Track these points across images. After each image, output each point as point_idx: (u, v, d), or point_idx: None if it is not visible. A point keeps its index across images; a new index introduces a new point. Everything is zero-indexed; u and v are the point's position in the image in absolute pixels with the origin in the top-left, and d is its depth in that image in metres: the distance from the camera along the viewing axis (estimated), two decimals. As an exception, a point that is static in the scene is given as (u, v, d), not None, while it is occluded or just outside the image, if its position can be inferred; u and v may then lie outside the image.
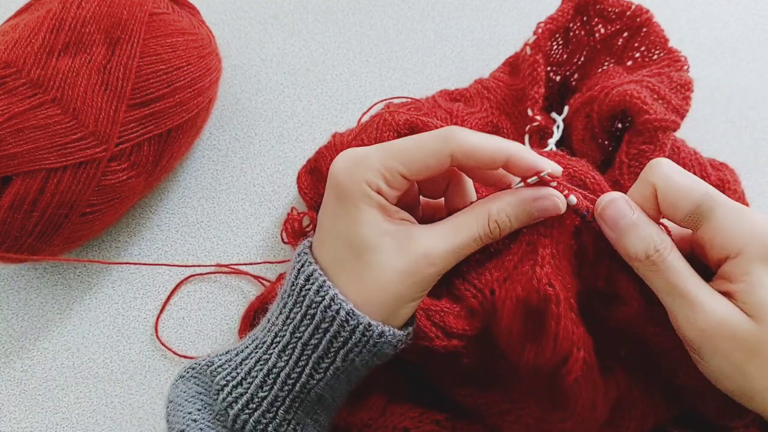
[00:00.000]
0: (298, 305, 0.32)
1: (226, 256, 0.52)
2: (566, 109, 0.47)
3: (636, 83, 0.42)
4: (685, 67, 0.44)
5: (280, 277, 0.48)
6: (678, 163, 0.45)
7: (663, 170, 0.31)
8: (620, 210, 0.32)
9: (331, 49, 0.60)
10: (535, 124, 0.46)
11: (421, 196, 0.36)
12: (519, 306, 0.33)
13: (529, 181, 0.32)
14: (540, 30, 0.47)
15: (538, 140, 0.47)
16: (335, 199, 0.32)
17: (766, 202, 0.53)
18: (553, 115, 0.48)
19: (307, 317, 0.31)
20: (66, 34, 0.45)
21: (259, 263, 0.51)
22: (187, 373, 0.36)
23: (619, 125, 0.45)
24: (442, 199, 0.36)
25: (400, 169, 0.31)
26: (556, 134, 0.46)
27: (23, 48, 0.44)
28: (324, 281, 0.31)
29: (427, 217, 0.36)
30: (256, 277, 0.51)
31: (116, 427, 0.47)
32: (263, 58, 0.60)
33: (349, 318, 0.30)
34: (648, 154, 0.41)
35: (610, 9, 0.47)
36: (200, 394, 0.34)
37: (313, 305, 0.31)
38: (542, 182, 0.32)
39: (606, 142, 0.45)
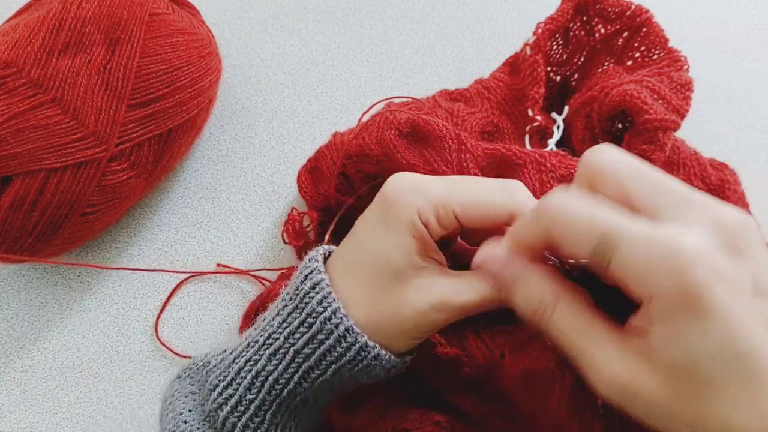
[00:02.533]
0: (297, 311, 0.31)
1: (227, 257, 0.52)
2: (566, 109, 0.47)
3: (636, 83, 0.42)
4: (685, 67, 0.44)
5: (281, 276, 0.48)
6: (678, 163, 0.45)
7: (555, 210, 0.26)
8: (495, 265, 0.29)
9: (331, 49, 0.60)
10: (536, 124, 0.46)
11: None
12: (525, 374, 0.32)
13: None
14: (540, 30, 0.47)
15: (539, 140, 0.47)
16: (380, 216, 0.31)
17: (766, 202, 0.53)
18: (553, 115, 0.48)
19: (305, 325, 0.31)
20: (66, 34, 0.45)
21: (257, 270, 0.51)
22: (185, 372, 0.36)
23: (620, 125, 0.45)
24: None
25: (457, 211, 0.30)
26: (556, 134, 0.46)
27: (23, 48, 0.44)
28: (329, 293, 0.31)
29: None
30: (257, 277, 0.51)
31: (116, 427, 0.47)
32: (263, 58, 0.60)
33: (348, 334, 0.30)
34: (648, 154, 0.41)
35: (610, 9, 0.47)
36: (193, 393, 0.34)
37: (314, 314, 0.31)
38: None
39: (606, 143, 0.45)
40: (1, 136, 0.43)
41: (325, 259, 0.34)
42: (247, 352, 0.33)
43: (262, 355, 0.32)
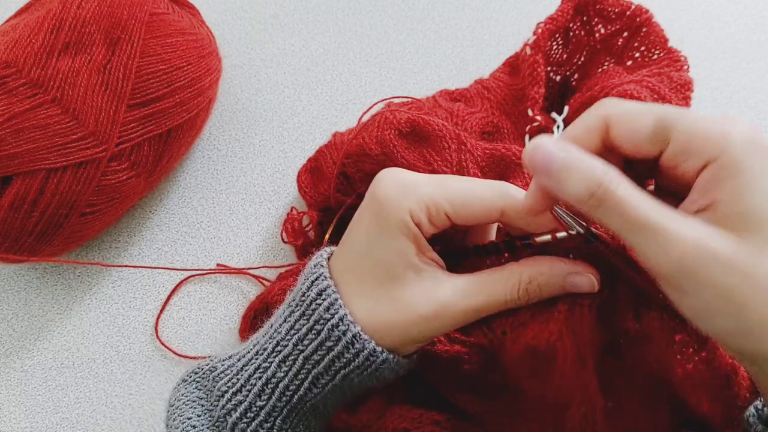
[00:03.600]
0: (305, 318, 0.31)
1: (226, 257, 0.52)
2: (566, 109, 0.47)
3: (636, 83, 0.42)
4: (685, 67, 0.44)
5: (280, 276, 0.48)
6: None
7: (613, 102, 0.28)
8: (548, 154, 0.27)
9: (331, 49, 0.60)
10: (536, 124, 0.46)
11: None
12: (527, 351, 0.32)
13: (559, 236, 0.31)
14: (540, 30, 0.47)
15: (538, 140, 0.47)
16: (372, 219, 0.31)
17: (766, 202, 0.52)
18: (554, 115, 0.48)
19: (313, 332, 0.31)
20: (66, 34, 0.45)
21: (257, 268, 0.51)
22: (190, 377, 0.36)
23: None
24: None
25: (447, 210, 0.30)
26: (556, 134, 0.46)
27: (23, 48, 0.44)
28: (336, 299, 0.31)
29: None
30: (257, 277, 0.51)
31: (116, 427, 0.47)
32: (263, 58, 0.60)
33: (355, 341, 0.30)
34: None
35: (609, 9, 0.47)
36: (201, 399, 0.34)
37: (321, 321, 0.31)
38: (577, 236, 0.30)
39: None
40: (1, 136, 0.43)
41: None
42: (257, 359, 0.32)
43: (272, 362, 0.32)
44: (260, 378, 0.32)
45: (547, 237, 0.31)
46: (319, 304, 0.31)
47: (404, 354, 0.32)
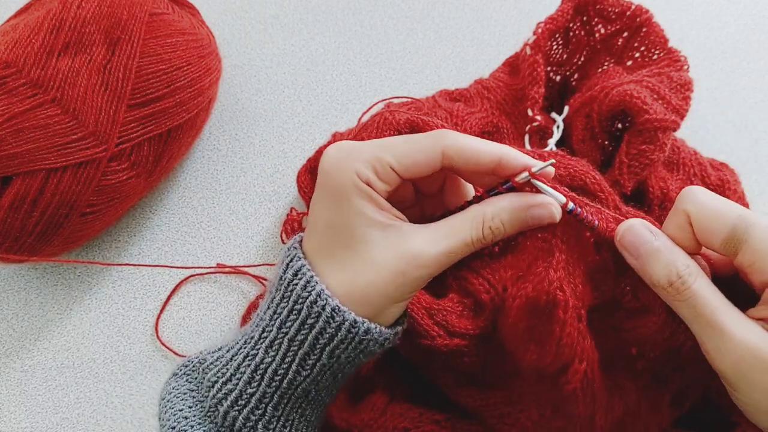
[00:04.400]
0: (285, 300, 0.32)
1: (227, 256, 0.52)
2: (566, 109, 0.47)
3: (636, 83, 0.42)
4: (685, 67, 0.44)
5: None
6: (678, 163, 0.45)
7: (696, 197, 0.30)
8: (640, 236, 0.31)
9: (331, 49, 0.60)
10: (535, 124, 0.46)
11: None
12: (527, 305, 0.33)
13: (519, 179, 0.32)
14: (540, 30, 0.47)
15: (538, 140, 0.47)
16: (325, 189, 0.32)
17: (766, 202, 0.52)
18: (553, 115, 0.48)
19: (294, 312, 0.31)
20: (66, 34, 0.45)
21: (258, 265, 0.51)
22: (180, 370, 0.36)
23: (619, 125, 0.45)
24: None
25: (391, 162, 0.31)
26: (556, 134, 0.46)
27: (23, 48, 0.44)
28: (312, 276, 0.31)
29: (426, 217, 0.36)
30: (256, 277, 0.51)
31: (116, 427, 0.47)
32: (263, 58, 0.60)
33: (335, 314, 0.30)
34: (648, 153, 0.41)
35: (609, 9, 0.47)
36: (192, 391, 0.34)
37: (300, 300, 0.31)
38: (538, 184, 0.32)
39: (606, 142, 0.45)
40: (1, 136, 0.43)
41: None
42: (245, 348, 0.33)
43: (259, 348, 0.32)
44: (249, 365, 0.32)
45: (525, 174, 0.32)
46: (296, 284, 0.31)
47: (388, 321, 0.32)
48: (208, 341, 0.49)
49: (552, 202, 0.32)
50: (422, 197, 0.36)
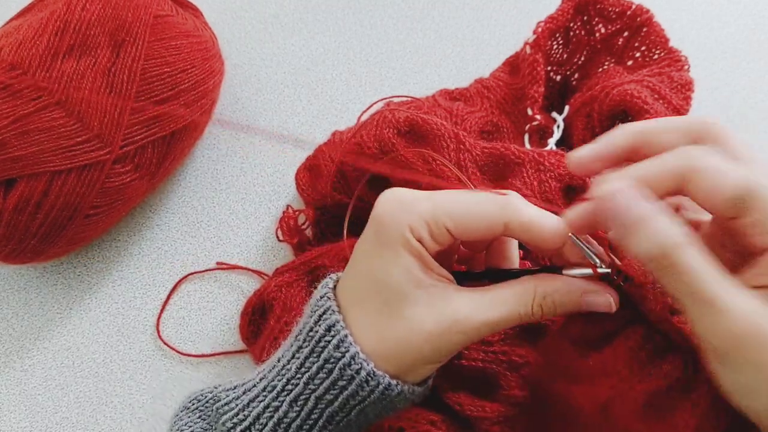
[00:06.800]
0: (314, 355, 0.30)
1: (226, 256, 0.52)
2: (566, 108, 0.47)
3: (636, 83, 0.42)
4: (686, 67, 0.44)
5: (276, 272, 0.48)
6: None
7: (700, 151, 0.27)
8: (628, 201, 0.26)
9: (331, 49, 0.60)
10: (535, 123, 0.46)
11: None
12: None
13: (577, 273, 0.30)
14: (540, 29, 0.47)
15: (538, 139, 0.47)
16: (374, 238, 0.30)
17: (766, 201, 0.52)
18: (554, 114, 0.48)
19: (324, 371, 0.30)
20: (70, 36, 0.45)
21: (255, 270, 0.51)
22: (192, 404, 0.35)
23: (620, 125, 0.45)
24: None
25: (448, 225, 0.29)
26: (557, 134, 0.46)
27: (28, 50, 0.44)
28: (345, 336, 0.29)
29: (461, 260, 0.35)
30: (256, 272, 0.51)
31: (116, 427, 0.47)
32: (264, 58, 0.60)
33: (370, 379, 0.29)
34: (648, 153, 0.41)
35: (610, 8, 0.47)
36: (206, 430, 0.33)
37: (332, 360, 0.29)
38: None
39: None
40: (6, 139, 0.43)
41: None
42: (265, 396, 0.31)
43: (283, 401, 0.31)
44: (271, 417, 0.31)
45: (578, 271, 0.31)
46: (328, 341, 0.30)
47: (419, 379, 0.31)
48: (208, 340, 0.49)
49: (611, 291, 0.30)
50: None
